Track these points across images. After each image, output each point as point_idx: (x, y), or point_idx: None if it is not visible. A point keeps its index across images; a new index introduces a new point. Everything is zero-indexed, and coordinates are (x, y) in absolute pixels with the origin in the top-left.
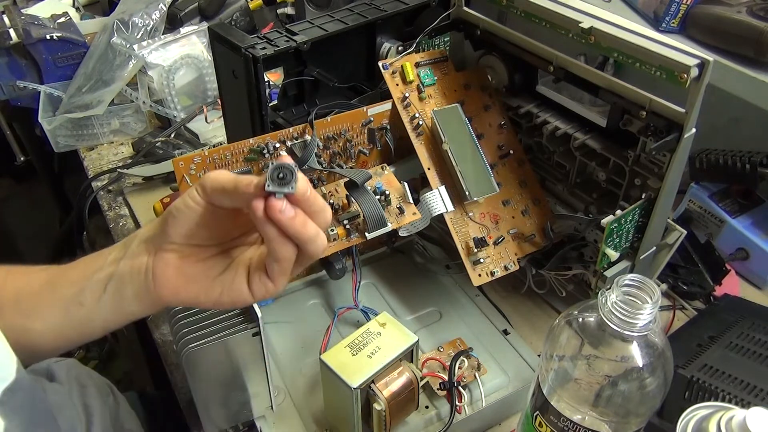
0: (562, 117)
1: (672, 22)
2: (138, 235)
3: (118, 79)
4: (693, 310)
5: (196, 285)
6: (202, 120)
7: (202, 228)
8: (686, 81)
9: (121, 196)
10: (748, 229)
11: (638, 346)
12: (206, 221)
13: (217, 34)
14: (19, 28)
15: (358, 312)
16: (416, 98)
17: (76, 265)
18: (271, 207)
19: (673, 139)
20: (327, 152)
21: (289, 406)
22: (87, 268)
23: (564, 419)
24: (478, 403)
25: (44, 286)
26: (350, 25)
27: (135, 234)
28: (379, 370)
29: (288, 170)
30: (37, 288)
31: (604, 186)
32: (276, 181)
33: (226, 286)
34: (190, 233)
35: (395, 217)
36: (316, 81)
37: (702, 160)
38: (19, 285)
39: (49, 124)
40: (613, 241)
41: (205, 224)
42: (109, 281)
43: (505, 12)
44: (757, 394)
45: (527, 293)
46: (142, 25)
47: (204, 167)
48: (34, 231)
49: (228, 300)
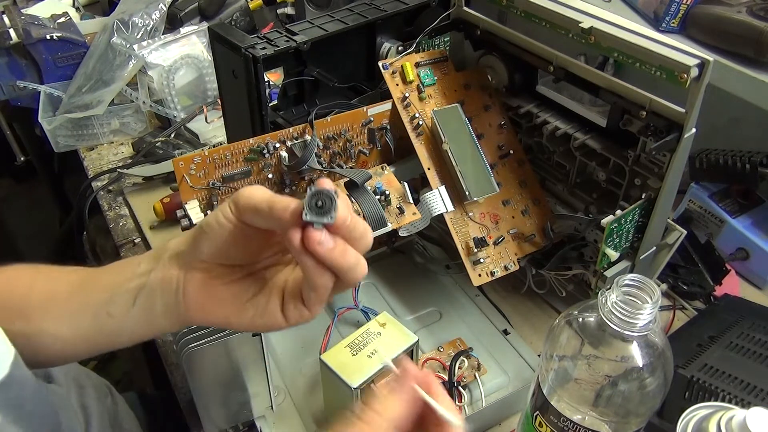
0: (562, 117)
1: (672, 22)
2: (169, 247)
3: (118, 79)
4: (693, 310)
5: (227, 307)
6: (202, 120)
7: (234, 246)
8: (686, 81)
9: (121, 196)
10: (748, 229)
11: (638, 346)
12: (238, 239)
13: (217, 34)
14: (19, 28)
15: (358, 312)
16: (416, 98)
17: (107, 271)
18: (310, 238)
19: (673, 139)
20: (327, 152)
21: (289, 406)
22: (117, 276)
23: (564, 419)
24: (478, 403)
25: (75, 292)
26: (350, 25)
27: (166, 246)
28: (379, 370)
29: (327, 197)
30: (66, 293)
31: (604, 186)
32: (314, 209)
33: (258, 310)
34: (221, 251)
35: (395, 217)
36: (316, 81)
37: (702, 160)
38: (50, 288)
39: (49, 124)
40: (613, 241)
41: (236, 242)
42: (139, 294)
43: (505, 12)
44: (757, 394)
45: (527, 293)
46: (142, 25)
47: (204, 167)
48: (34, 231)
49: (260, 324)
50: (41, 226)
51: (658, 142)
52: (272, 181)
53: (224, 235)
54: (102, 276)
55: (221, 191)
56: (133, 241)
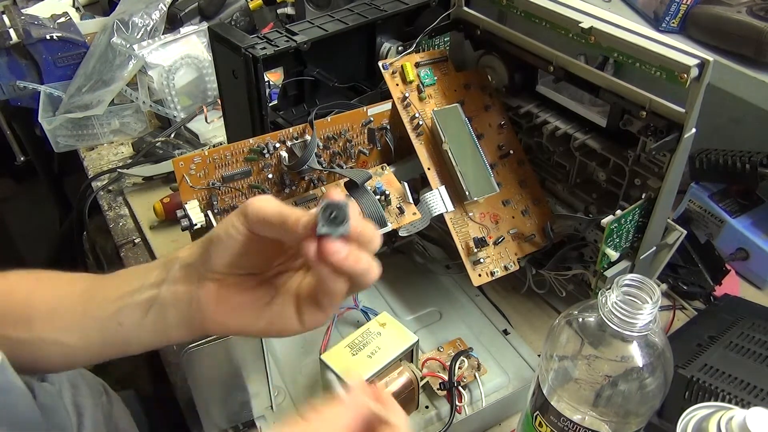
0: (562, 117)
1: (672, 22)
2: (179, 258)
3: (118, 79)
4: (693, 310)
5: (243, 315)
6: (202, 120)
7: (245, 256)
8: (686, 81)
9: (121, 196)
10: (748, 229)
11: (638, 346)
12: (249, 249)
13: (217, 34)
14: (19, 28)
15: (358, 312)
16: (416, 98)
17: (115, 279)
18: (326, 250)
19: (673, 139)
20: (327, 152)
21: (289, 406)
22: (126, 285)
23: (564, 419)
24: (478, 403)
25: (81, 301)
26: (350, 25)
27: (175, 255)
28: (379, 370)
29: (340, 209)
30: (71, 302)
31: (604, 186)
32: (328, 222)
33: (274, 317)
34: (233, 262)
35: (395, 217)
36: (316, 81)
37: (702, 160)
38: (54, 295)
39: (49, 124)
40: (613, 241)
41: (247, 252)
42: (152, 306)
43: (505, 12)
44: (757, 394)
45: (527, 293)
46: (142, 25)
47: (204, 167)
48: (34, 231)
49: (276, 330)
50: (41, 226)
51: (658, 142)
52: (272, 181)
53: (235, 246)
54: (109, 285)
55: (221, 191)
56: (133, 241)
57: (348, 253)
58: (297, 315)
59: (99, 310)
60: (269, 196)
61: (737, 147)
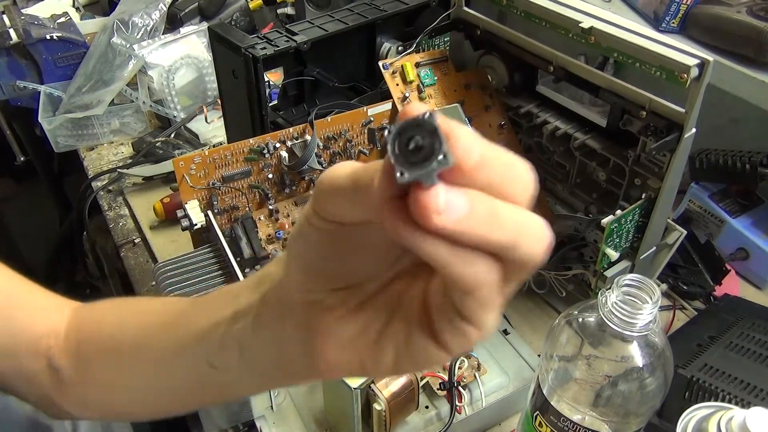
0: (562, 117)
1: (672, 22)
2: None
3: (118, 79)
4: (693, 310)
5: (355, 350)
6: (202, 120)
7: (328, 260)
8: (686, 81)
9: (121, 196)
10: (748, 229)
11: (638, 346)
12: (334, 248)
13: (217, 34)
14: (19, 28)
15: None
16: (416, 98)
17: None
18: (421, 210)
19: (673, 139)
20: (327, 152)
21: (289, 406)
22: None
23: (564, 419)
24: (478, 403)
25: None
26: (350, 25)
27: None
28: None
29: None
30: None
31: (604, 186)
32: (408, 158)
33: (400, 347)
34: (315, 269)
35: None
36: (316, 81)
37: (702, 160)
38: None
39: (49, 124)
40: (613, 241)
41: (330, 253)
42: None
43: (505, 12)
44: (757, 394)
45: (527, 293)
46: (142, 25)
47: (204, 167)
48: (34, 231)
49: (410, 364)
50: (41, 226)
51: (658, 142)
52: (272, 181)
53: (312, 245)
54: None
55: (221, 191)
56: (133, 241)
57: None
58: (432, 338)
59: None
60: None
61: (737, 147)
